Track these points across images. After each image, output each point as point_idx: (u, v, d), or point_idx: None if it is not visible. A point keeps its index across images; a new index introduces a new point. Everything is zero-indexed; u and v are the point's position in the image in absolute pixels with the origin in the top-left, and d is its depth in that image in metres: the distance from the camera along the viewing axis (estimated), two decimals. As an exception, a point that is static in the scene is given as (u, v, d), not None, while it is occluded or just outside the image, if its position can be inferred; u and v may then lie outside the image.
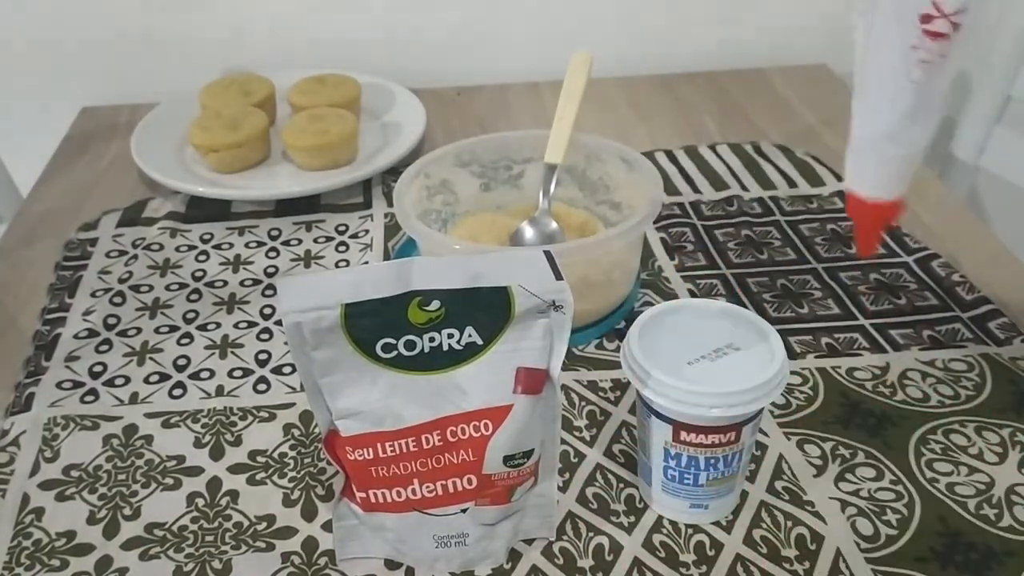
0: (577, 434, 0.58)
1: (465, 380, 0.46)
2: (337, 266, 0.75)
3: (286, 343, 0.66)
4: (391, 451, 0.46)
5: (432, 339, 0.45)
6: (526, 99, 1.02)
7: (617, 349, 0.65)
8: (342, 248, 0.77)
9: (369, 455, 0.46)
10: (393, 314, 0.44)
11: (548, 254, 0.47)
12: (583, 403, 0.60)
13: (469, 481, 0.47)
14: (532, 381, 0.46)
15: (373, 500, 0.48)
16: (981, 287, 0.69)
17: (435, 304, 0.44)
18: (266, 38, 1.05)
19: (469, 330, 0.45)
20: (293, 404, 0.61)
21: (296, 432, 0.59)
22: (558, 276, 0.45)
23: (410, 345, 0.45)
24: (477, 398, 0.46)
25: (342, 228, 0.80)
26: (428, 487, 0.47)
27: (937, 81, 0.49)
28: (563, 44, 0.77)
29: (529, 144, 0.72)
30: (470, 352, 0.45)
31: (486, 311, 0.44)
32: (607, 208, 0.73)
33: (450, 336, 0.45)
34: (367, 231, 0.79)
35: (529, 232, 0.69)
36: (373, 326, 0.44)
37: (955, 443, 0.57)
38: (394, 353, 0.45)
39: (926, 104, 0.50)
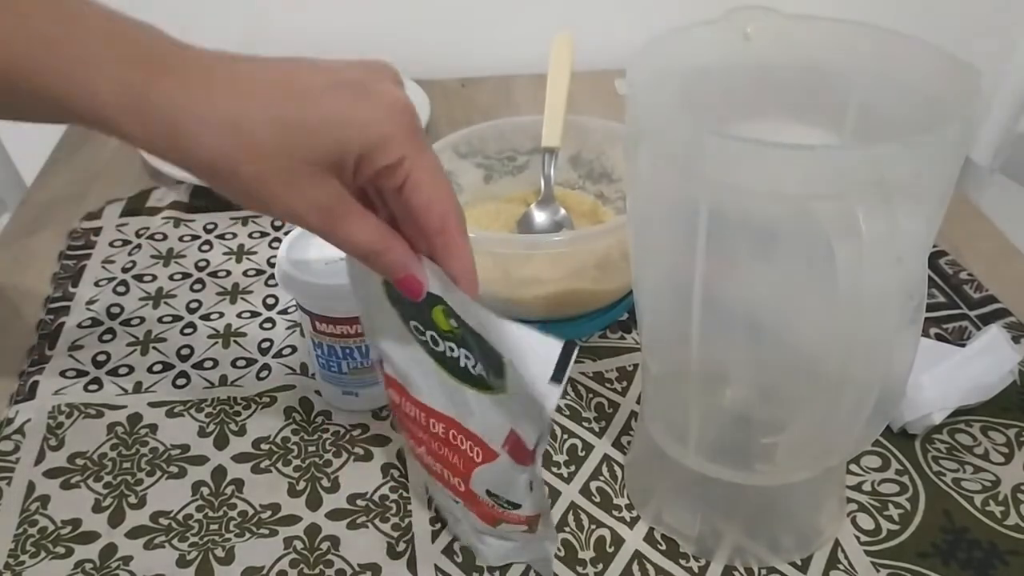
0: (586, 425, 0.58)
1: (472, 401, 0.43)
2: None
3: (288, 331, 0.66)
4: (409, 411, 0.47)
5: (451, 348, 0.42)
6: (530, 90, 1.02)
7: (621, 338, 0.65)
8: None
9: (396, 399, 0.47)
10: (421, 309, 0.42)
11: (566, 350, 0.38)
12: (590, 395, 0.60)
13: (460, 484, 0.46)
14: (518, 451, 0.43)
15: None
16: (988, 285, 0.69)
17: (453, 323, 0.41)
18: (267, 30, 1.05)
19: (480, 366, 0.42)
20: (293, 387, 0.61)
21: (297, 417, 0.59)
22: (557, 378, 0.38)
23: (435, 341, 0.43)
24: (477, 425, 0.44)
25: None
26: (432, 460, 0.47)
27: None
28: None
29: (531, 134, 0.72)
30: (478, 383, 0.43)
31: (489, 364, 0.41)
32: (616, 195, 0.72)
33: (466, 358, 0.42)
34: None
35: (539, 217, 0.68)
36: (406, 307, 0.43)
37: (961, 443, 0.56)
38: (424, 338, 0.44)
39: None
